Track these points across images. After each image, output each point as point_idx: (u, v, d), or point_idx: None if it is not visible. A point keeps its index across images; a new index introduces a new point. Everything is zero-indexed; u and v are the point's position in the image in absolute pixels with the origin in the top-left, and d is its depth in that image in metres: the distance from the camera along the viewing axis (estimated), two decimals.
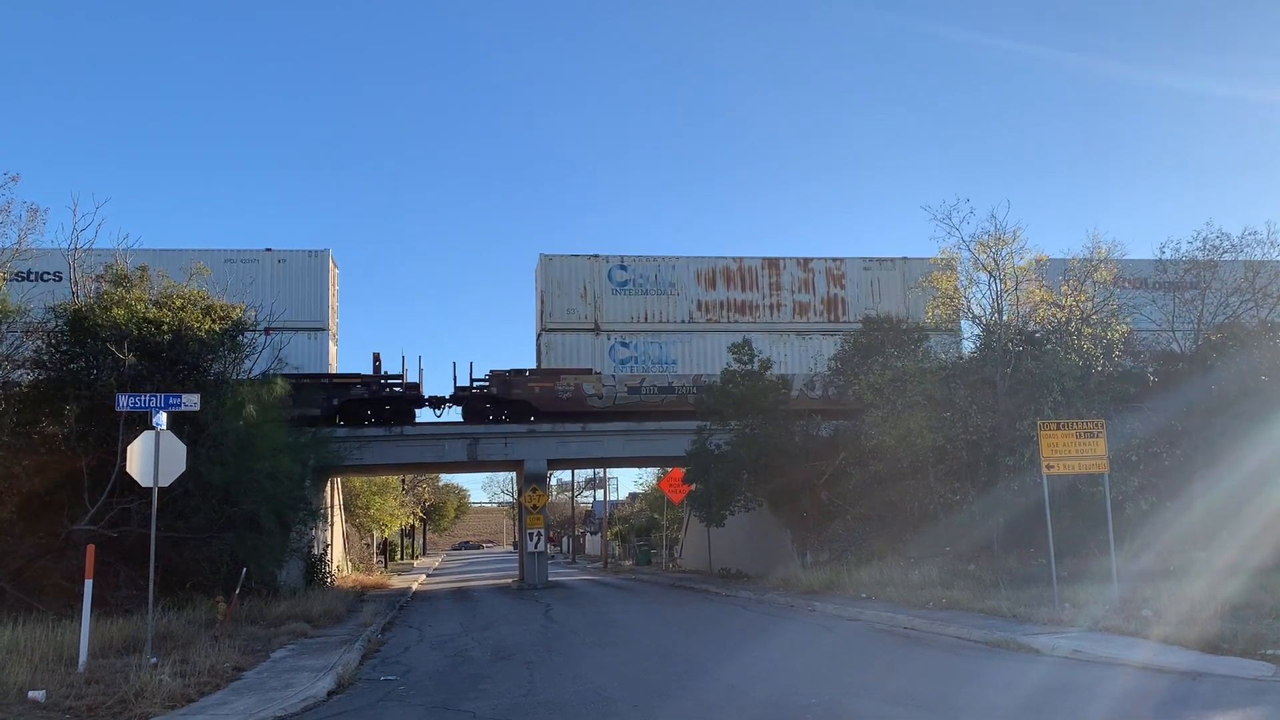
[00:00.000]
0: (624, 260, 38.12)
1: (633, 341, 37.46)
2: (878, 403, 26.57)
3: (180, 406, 15.16)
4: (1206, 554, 21.42)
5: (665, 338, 37.67)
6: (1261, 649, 12.15)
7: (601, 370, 36.70)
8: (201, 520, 20.95)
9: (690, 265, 38.43)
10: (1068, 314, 25.69)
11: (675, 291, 38.16)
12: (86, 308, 22.17)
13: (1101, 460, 17.92)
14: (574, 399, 35.70)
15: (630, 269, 38.00)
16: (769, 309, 38.70)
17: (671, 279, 38.16)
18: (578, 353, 37.13)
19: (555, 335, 37.22)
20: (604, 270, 37.85)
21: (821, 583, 25.34)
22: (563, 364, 36.71)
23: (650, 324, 37.73)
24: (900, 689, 11.38)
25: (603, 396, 36.02)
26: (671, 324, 37.91)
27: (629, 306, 37.68)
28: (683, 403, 36.37)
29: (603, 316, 37.52)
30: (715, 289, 38.43)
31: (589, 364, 36.86)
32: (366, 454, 34.30)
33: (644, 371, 37.06)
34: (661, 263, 38.36)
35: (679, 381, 36.84)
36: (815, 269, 39.12)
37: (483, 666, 14.58)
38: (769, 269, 38.92)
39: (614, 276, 37.89)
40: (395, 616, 24.09)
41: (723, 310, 38.38)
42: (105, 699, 10.99)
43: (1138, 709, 9.91)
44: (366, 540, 56.25)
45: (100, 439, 20.58)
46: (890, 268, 39.41)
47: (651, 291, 38.02)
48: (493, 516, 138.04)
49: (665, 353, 37.53)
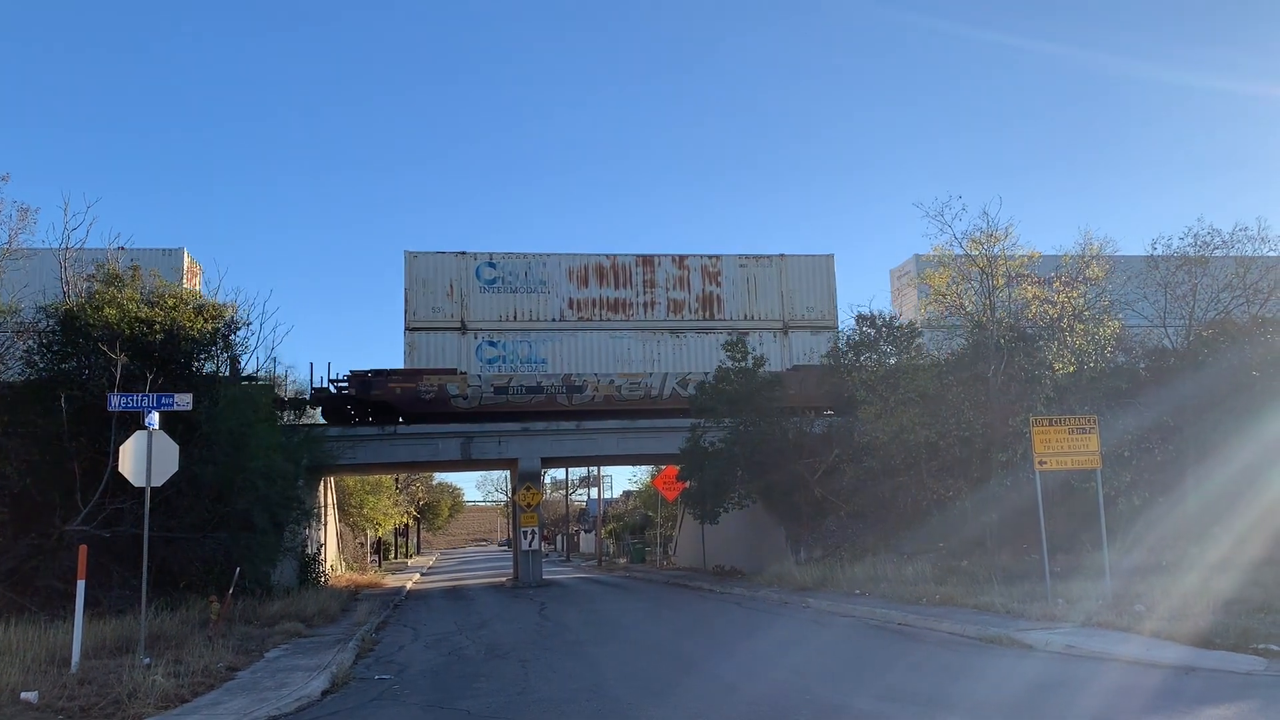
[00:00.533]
0: (493, 257, 37.35)
1: (501, 341, 36.70)
2: (870, 399, 26.62)
3: (172, 406, 15.13)
4: (1198, 549, 21.51)
5: (535, 336, 36.92)
6: (1253, 643, 12.22)
7: (468, 370, 35.88)
8: (194, 520, 20.91)
9: (562, 262, 37.71)
10: (1060, 310, 25.76)
11: (546, 289, 37.41)
12: (78, 307, 22.11)
13: (1094, 456, 17.97)
14: (437, 400, 34.76)
15: (499, 266, 37.22)
16: (643, 307, 37.96)
17: (542, 276, 37.40)
18: (443, 352, 36.34)
19: (420, 334, 36.37)
20: (471, 267, 37.05)
21: (815, 579, 25.39)
22: (428, 364, 35.88)
23: (519, 322, 36.96)
24: (894, 685, 11.41)
25: (467, 397, 35.10)
26: (542, 322, 37.17)
27: (498, 305, 36.89)
28: (552, 403, 35.81)
29: (470, 315, 36.75)
30: (588, 286, 37.73)
31: (455, 364, 36.04)
32: (359, 453, 34.26)
33: (512, 371, 36.26)
34: (532, 260, 37.55)
35: (548, 381, 35.91)
36: (691, 266, 38.55)
37: (477, 665, 14.57)
38: (643, 266, 38.23)
39: (482, 274, 37.11)
40: (389, 615, 24.08)
41: (595, 308, 37.67)
42: (98, 699, 10.97)
43: (1130, 703, 9.95)
44: (360, 539, 56.17)
45: (92, 439, 20.53)
46: (768, 265, 38.87)
47: (521, 289, 37.26)
48: (487, 515, 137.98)
49: (535, 352, 36.82)
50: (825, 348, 35.81)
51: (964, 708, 9.97)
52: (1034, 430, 17.97)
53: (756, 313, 38.40)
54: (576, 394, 35.88)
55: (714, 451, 31.56)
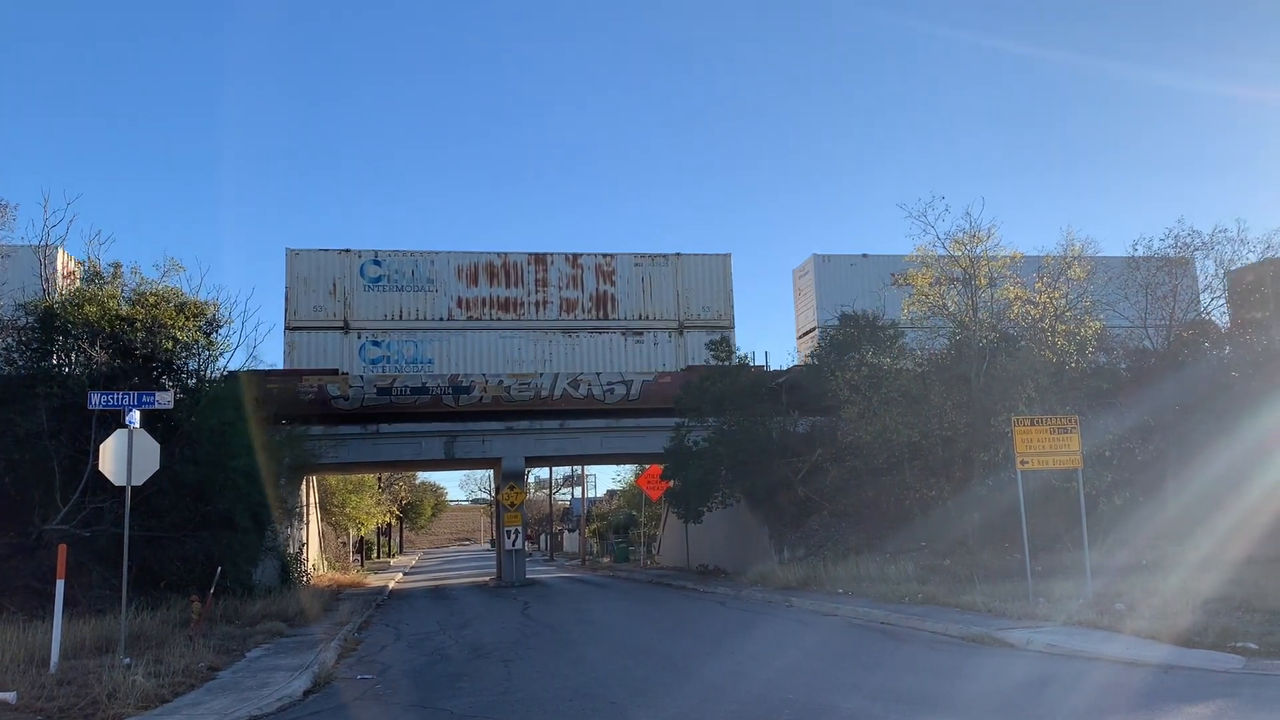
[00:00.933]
0: (378, 255, 36.65)
1: (386, 341, 36.07)
2: (854, 399, 26.69)
3: (154, 404, 15.03)
4: (1179, 548, 21.67)
5: (421, 336, 36.19)
6: (1232, 642, 12.30)
7: (350, 370, 35.22)
8: (176, 519, 20.80)
9: (451, 260, 37.10)
10: (1042, 311, 25.89)
11: (434, 288, 36.78)
12: (58, 304, 21.95)
13: (1075, 456, 18.05)
14: (317, 400, 33.74)
15: (385, 264, 36.55)
16: (534, 306, 37.42)
17: (430, 275, 36.79)
18: (325, 352, 35.65)
19: (300, 334, 35.63)
20: (356, 266, 36.33)
21: (799, 579, 25.44)
22: (309, 364, 35.21)
23: (405, 322, 36.21)
24: (879, 684, 11.43)
25: (349, 398, 34.21)
26: (429, 322, 36.49)
27: (383, 304, 36.20)
28: (438, 404, 34.87)
29: (353, 314, 36.10)
30: (477, 285, 37.12)
31: (337, 364, 35.39)
32: (342, 452, 34.10)
33: (397, 372, 35.63)
34: (419, 258, 36.88)
35: (433, 382, 34.92)
36: (585, 265, 38.00)
37: (460, 665, 14.53)
38: (536, 264, 37.66)
39: (366, 272, 36.38)
40: (372, 615, 24.00)
41: (484, 307, 37.10)
42: (78, 700, 10.89)
43: (1112, 702, 10.00)
44: (343, 539, 55.94)
45: (72, 437, 20.38)
46: (663, 264, 38.47)
47: (408, 288, 36.58)
48: (470, 515, 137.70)
49: (421, 352, 36.12)
50: None
51: (948, 707, 10.01)
52: (1016, 430, 18.04)
53: (652, 312, 37.90)
54: (463, 395, 35.03)
55: (698, 451, 31.59)
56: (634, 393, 36.06)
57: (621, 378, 36.22)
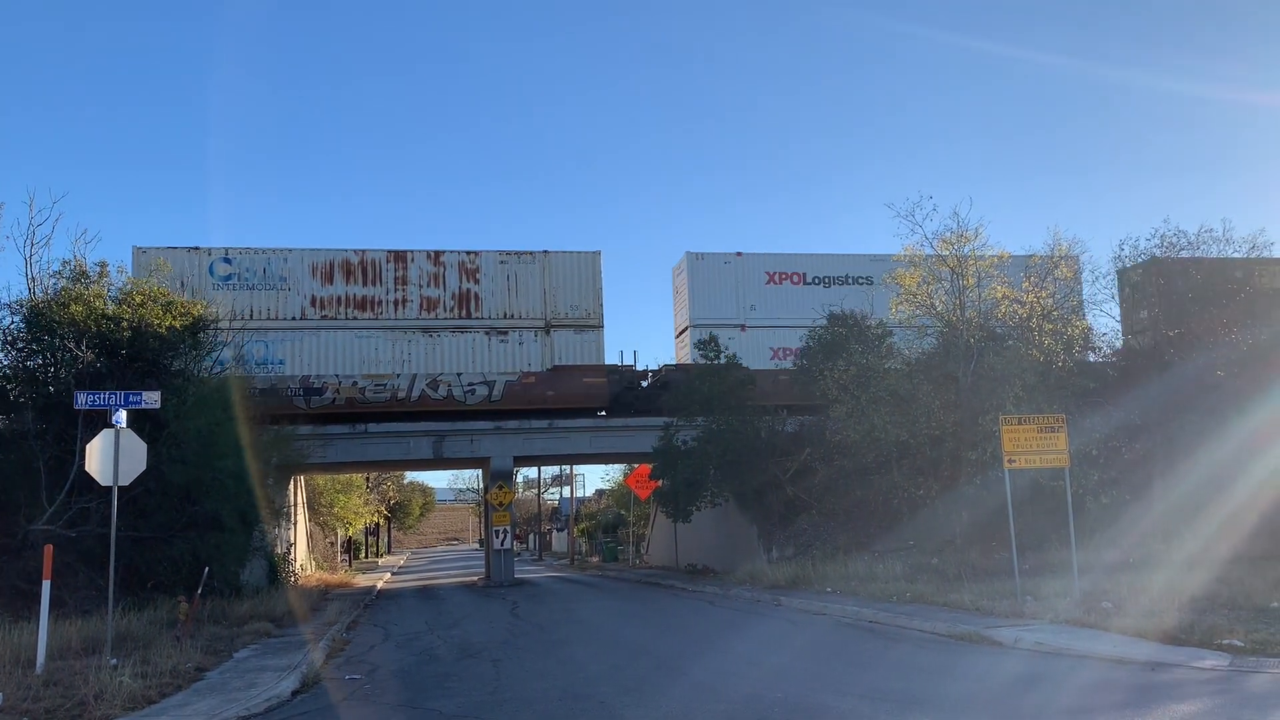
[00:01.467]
0: (229, 253, 35.29)
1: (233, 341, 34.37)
2: (842, 398, 26.73)
3: (140, 404, 14.97)
4: (1166, 547, 21.77)
5: (272, 336, 34.70)
6: (1218, 639, 12.37)
7: None
8: (163, 519, 20.68)
9: (305, 258, 35.76)
10: (1029, 310, 25.97)
11: (287, 286, 35.41)
12: (44, 304, 21.80)
13: (1063, 455, 18.10)
14: None
15: (236, 262, 35.43)
16: (394, 305, 36.10)
17: (283, 273, 35.64)
18: None
19: None
20: (205, 264, 34.92)
21: (787, 578, 25.47)
22: None
23: (256, 321, 34.36)
24: (868, 683, 11.45)
25: None
26: (280, 321, 35.12)
27: (233, 303, 34.33)
28: (290, 406, 33.60)
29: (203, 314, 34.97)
30: (333, 283, 35.73)
31: None
32: (330, 452, 34.00)
33: (247, 374, 33.81)
34: (272, 255, 35.60)
35: (283, 384, 33.96)
36: (447, 263, 36.78)
37: (449, 665, 14.51)
38: (395, 262, 36.44)
39: (216, 270, 34.99)
40: (360, 615, 23.94)
41: (340, 306, 35.71)
42: (64, 701, 10.84)
43: (1100, 699, 10.04)
44: (330, 539, 55.80)
45: (58, 437, 20.25)
46: (530, 261, 37.51)
47: (259, 287, 35.20)
48: (458, 514, 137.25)
49: (271, 353, 34.63)
50: (591, 348, 35.95)
51: (937, 705, 10.03)
52: (1003, 429, 18.09)
53: (518, 311, 36.97)
54: (315, 397, 34.50)
55: (686, 450, 31.60)
56: (496, 394, 35.61)
57: (484, 378, 35.75)
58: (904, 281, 26.38)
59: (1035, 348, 25.03)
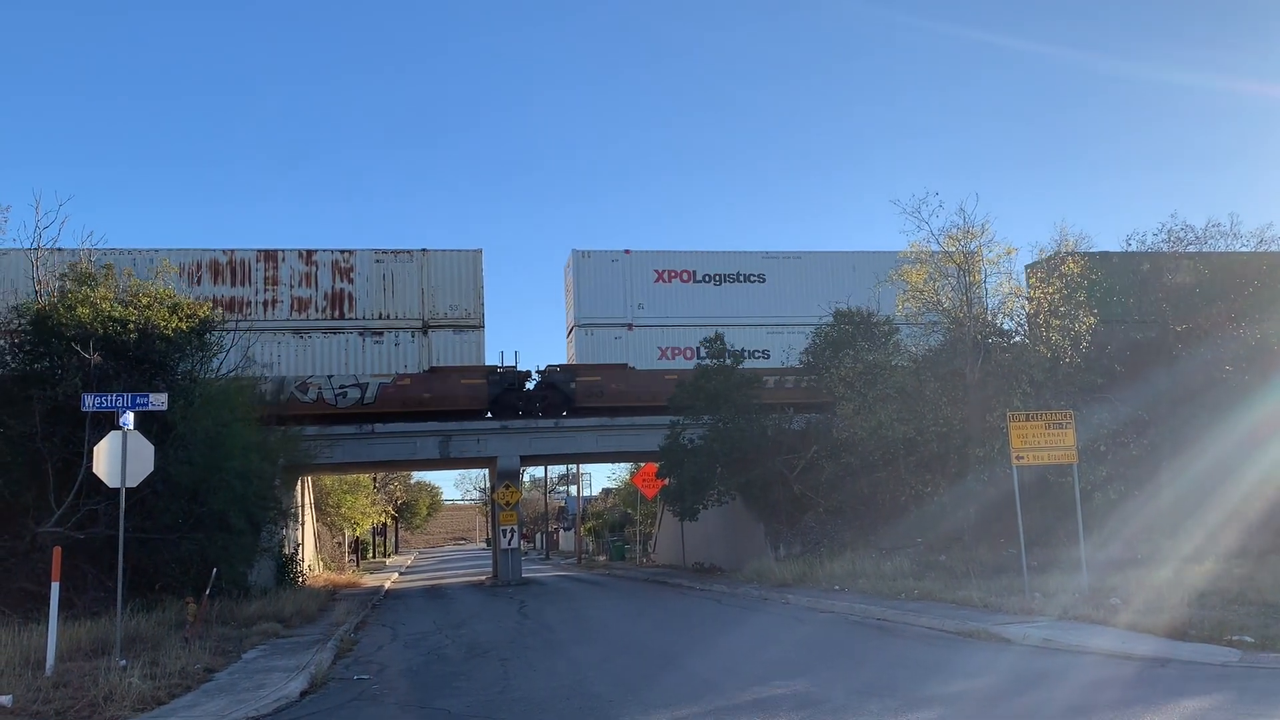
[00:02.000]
0: (93, 254, 33.00)
1: None
2: (849, 395, 26.70)
3: (147, 406, 14.99)
4: (1173, 542, 21.74)
5: None
6: (1226, 634, 12.34)
7: None
8: (170, 521, 20.74)
9: (172, 259, 34.40)
10: (1036, 306, 25.92)
11: None
12: (50, 306, 21.88)
13: (1070, 451, 18.08)
14: None
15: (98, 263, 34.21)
16: (264, 306, 35.15)
17: (150, 274, 33.04)
18: None
19: None
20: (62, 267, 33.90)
21: (794, 575, 25.47)
22: None
23: None
24: (874, 679, 11.45)
25: None
26: None
27: None
28: None
29: None
30: (200, 284, 34.48)
31: None
32: (337, 452, 34.02)
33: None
34: (138, 255, 34.16)
35: None
36: (320, 262, 35.91)
37: (457, 664, 14.52)
38: (265, 262, 35.46)
39: None
40: (368, 615, 23.98)
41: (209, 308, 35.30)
42: (74, 702, 10.86)
43: (1107, 696, 10.01)
44: (338, 539, 55.94)
45: (66, 439, 20.31)
46: (407, 260, 36.58)
47: None
48: (465, 514, 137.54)
49: None
50: (471, 348, 35.61)
51: (945, 701, 10.02)
52: (1011, 425, 18.07)
53: (393, 311, 36.28)
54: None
55: (693, 449, 31.58)
56: (369, 396, 35.08)
57: (355, 380, 35.17)
58: (910, 278, 26.33)
59: (1042, 343, 24.99)
